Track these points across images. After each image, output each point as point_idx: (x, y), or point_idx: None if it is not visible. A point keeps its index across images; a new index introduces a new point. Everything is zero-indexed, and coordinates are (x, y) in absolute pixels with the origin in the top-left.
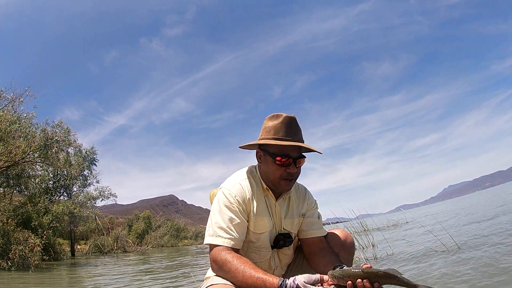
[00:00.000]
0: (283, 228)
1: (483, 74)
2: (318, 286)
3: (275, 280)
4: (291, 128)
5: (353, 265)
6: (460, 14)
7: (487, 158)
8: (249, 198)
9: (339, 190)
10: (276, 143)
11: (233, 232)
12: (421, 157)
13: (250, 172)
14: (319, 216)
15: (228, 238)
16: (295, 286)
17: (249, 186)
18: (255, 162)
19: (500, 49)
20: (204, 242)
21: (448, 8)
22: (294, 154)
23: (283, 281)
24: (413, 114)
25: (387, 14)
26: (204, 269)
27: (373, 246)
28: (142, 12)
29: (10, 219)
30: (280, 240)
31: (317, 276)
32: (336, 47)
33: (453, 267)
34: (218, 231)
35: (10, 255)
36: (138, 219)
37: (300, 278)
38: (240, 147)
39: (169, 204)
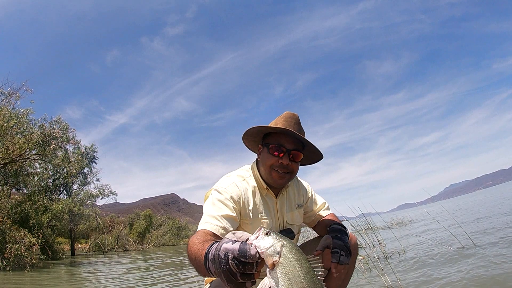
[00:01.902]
0: (286, 223)
1: (484, 73)
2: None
3: (206, 246)
4: (290, 122)
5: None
6: (462, 12)
7: (489, 157)
8: (244, 199)
9: (341, 189)
10: (269, 127)
11: (224, 222)
12: (422, 155)
13: (247, 173)
14: (318, 200)
15: (217, 226)
16: (218, 249)
17: (245, 187)
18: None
19: (502, 47)
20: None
21: (450, 6)
22: (290, 146)
23: (210, 247)
24: (415, 112)
25: (389, 12)
26: None
27: (380, 244)
28: (143, 11)
29: (5, 217)
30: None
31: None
32: (338, 46)
33: (474, 265)
34: (208, 218)
35: (5, 254)
36: (139, 217)
37: (227, 240)
38: (245, 143)
39: (171, 203)
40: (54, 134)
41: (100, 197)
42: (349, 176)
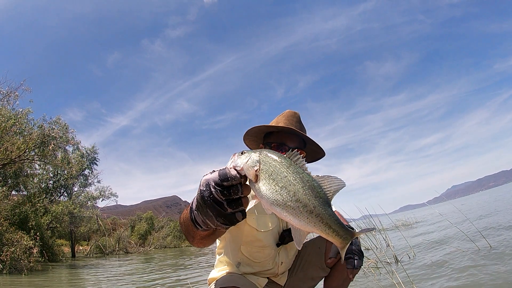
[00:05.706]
0: (287, 225)
1: (486, 73)
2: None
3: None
4: (291, 120)
5: None
6: (463, 12)
7: (491, 158)
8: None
9: (343, 190)
10: (271, 126)
11: None
12: (424, 156)
13: None
14: None
15: None
16: (199, 185)
17: None
18: None
19: (503, 47)
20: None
21: (450, 7)
22: (292, 145)
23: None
24: (416, 113)
25: (389, 13)
26: (206, 270)
27: (387, 246)
28: (144, 13)
29: (3, 219)
30: (286, 237)
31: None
32: (339, 47)
33: (491, 269)
34: None
35: (1, 257)
36: (141, 219)
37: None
38: (246, 142)
39: (172, 205)
40: (53, 134)
41: (101, 198)
42: (350, 177)
